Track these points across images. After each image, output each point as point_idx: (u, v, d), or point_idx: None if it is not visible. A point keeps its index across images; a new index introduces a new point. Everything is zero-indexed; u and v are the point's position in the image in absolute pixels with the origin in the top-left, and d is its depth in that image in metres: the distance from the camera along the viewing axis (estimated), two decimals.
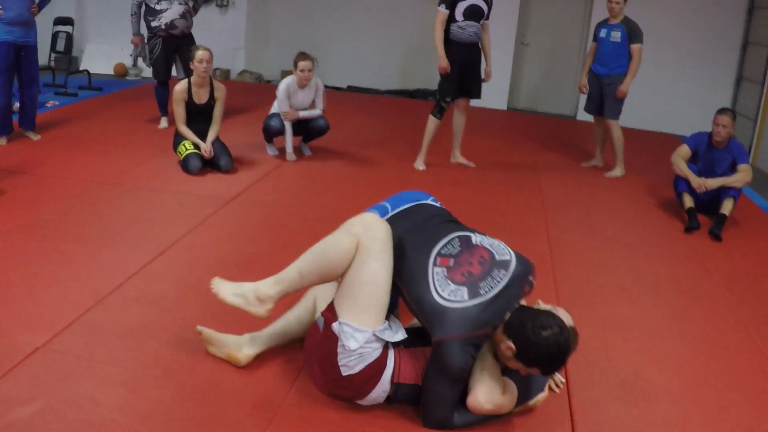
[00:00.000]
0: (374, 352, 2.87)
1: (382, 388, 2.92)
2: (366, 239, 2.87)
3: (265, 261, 4.21)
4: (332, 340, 2.87)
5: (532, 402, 3.01)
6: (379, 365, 2.89)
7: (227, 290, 3.05)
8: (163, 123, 7.71)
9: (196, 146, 6.14)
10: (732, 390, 3.42)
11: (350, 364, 2.86)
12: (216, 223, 4.97)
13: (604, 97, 7.11)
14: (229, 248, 4.47)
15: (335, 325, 2.86)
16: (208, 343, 3.25)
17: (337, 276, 2.94)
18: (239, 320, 3.30)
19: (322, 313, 2.99)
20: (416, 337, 3.06)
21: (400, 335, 2.93)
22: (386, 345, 2.93)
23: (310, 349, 3.06)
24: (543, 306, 2.98)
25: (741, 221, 6.01)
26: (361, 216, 3.01)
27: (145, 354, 3.27)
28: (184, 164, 6.04)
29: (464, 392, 2.86)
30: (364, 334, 2.83)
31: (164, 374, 3.14)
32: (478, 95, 6.82)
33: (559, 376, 3.27)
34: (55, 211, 4.87)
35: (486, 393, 2.83)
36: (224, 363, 3.21)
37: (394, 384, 2.93)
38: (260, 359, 3.23)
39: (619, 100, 7.03)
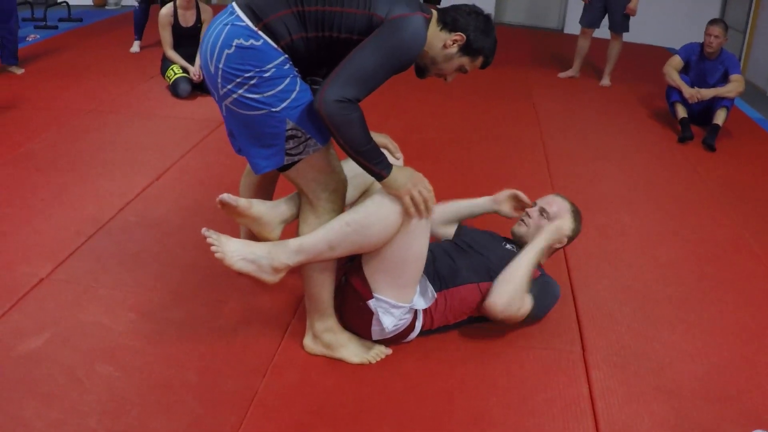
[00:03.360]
0: (406, 321, 2.81)
1: (411, 337, 2.90)
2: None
3: None
4: (366, 313, 2.75)
5: None
6: (408, 329, 2.85)
7: (235, 253, 2.54)
8: (135, 47, 7.53)
9: (185, 70, 6.05)
10: (730, 292, 3.48)
11: (383, 334, 2.81)
12: (209, 145, 4.92)
13: (608, 11, 7.04)
14: (226, 169, 4.43)
15: (372, 303, 2.70)
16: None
17: (375, 249, 2.65)
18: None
19: (352, 280, 2.77)
20: (450, 271, 2.95)
21: (430, 293, 2.83)
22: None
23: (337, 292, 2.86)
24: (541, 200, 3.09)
25: (733, 132, 6.00)
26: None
27: (150, 277, 3.26)
28: (174, 88, 5.95)
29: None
30: (401, 309, 2.74)
31: (171, 296, 3.13)
32: None
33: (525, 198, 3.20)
34: (47, 142, 4.81)
35: (507, 302, 2.81)
36: (228, 282, 3.19)
37: (424, 331, 2.91)
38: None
39: (626, 15, 7.00)
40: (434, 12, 2.62)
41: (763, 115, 6.89)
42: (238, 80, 2.39)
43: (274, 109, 2.41)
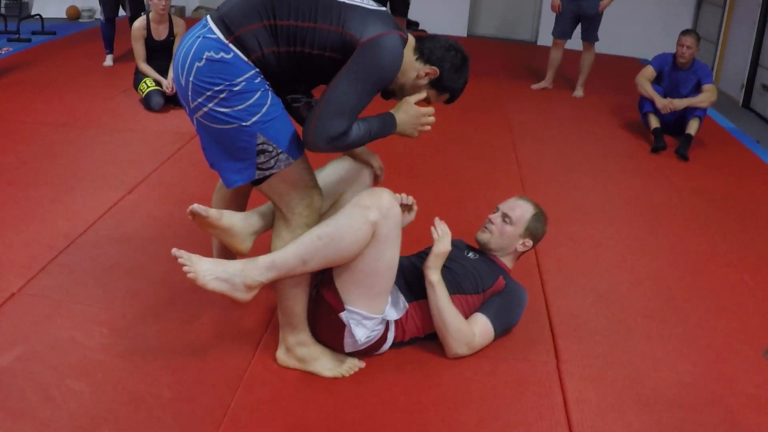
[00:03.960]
0: (378, 332, 2.81)
1: (383, 349, 2.90)
2: (385, 227, 2.56)
3: None
4: (338, 326, 2.74)
5: None
6: (381, 341, 2.85)
7: (207, 273, 2.50)
8: (108, 61, 7.49)
9: (158, 83, 6.02)
10: (706, 301, 3.49)
11: (355, 346, 2.80)
12: (182, 158, 4.90)
13: (581, 20, 7.09)
14: (198, 183, 4.41)
15: (344, 315, 2.69)
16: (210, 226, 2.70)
17: (346, 262, 2.64)
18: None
19: (323, 293, 2.76)
20: (418, 281, 2.93)
21: (402, 304, 2.85)
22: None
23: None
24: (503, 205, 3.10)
25: (706, 141, 6.06)
26: (378, 196, 2.59)
27: (122, 292, 3.23)
28: (146, 102, 5.93)
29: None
30: (373, 321, 2.73)
31: (144, 311, 3.11)
32: None
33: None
34: (19, 156, 4.76)
35: (455, 350, 2.87)
36: (201, 297, 3.17)
37: (396, 343, 2.92)
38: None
39: (597, 22, 7.05)
40: (411, 37, 2.63)
41: (736, 124, 6.96)
42: (208, 93, 2.38)
43: (244, 124, 2.40)
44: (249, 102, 2.39)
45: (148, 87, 5.95)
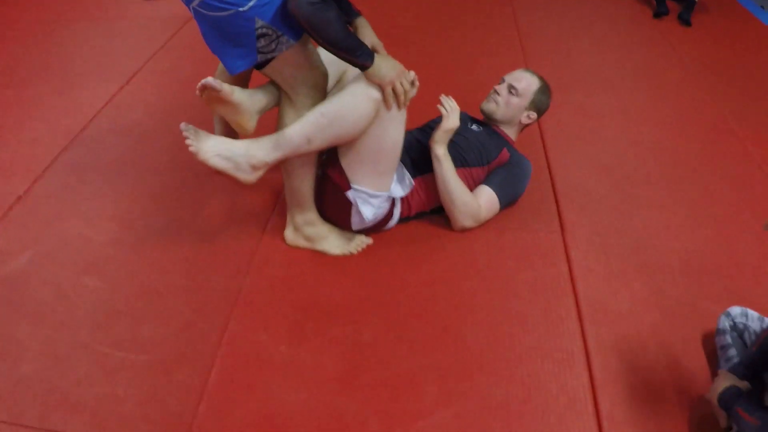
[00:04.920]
0: (385, 209, 2.84)
1: (390, 225, 2.94)
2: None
3: None
4: (345, 205, 2.77)
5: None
6: (387, 217, 2.88)
7: (210, 149, 2.50)
8: None
9: None
10: (711, 173, 3.46)
11: (362, 223, 2.84)
12: (178, 44, 4.82)
13: None
14: (195, 69, 4.35)
15: (350, 193, 2.72)
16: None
17: (351, 140, 2.64)
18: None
19: (329, 173, 2.77)
20: (423, 156, 2.95)
21: (407, 181, 2.86)
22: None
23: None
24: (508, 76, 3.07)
25: (709, 6, 5.90)
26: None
27: (128, 185, 3.25)
28: None
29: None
30: (379, 198, 2.76)
31: (151, 202, 3.14)
32: None
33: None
34: (11, 56, 4.69)
35: (461, 222, 2.90)
36: (207, 183, 3.20)
37: (403, 218, 2.95)
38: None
39: None
40: None
41: None
42: None
43: (241, 9, 2.35)
44: None
45: None
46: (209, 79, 2.48)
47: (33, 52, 4.74)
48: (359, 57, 2.43)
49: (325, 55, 2.69)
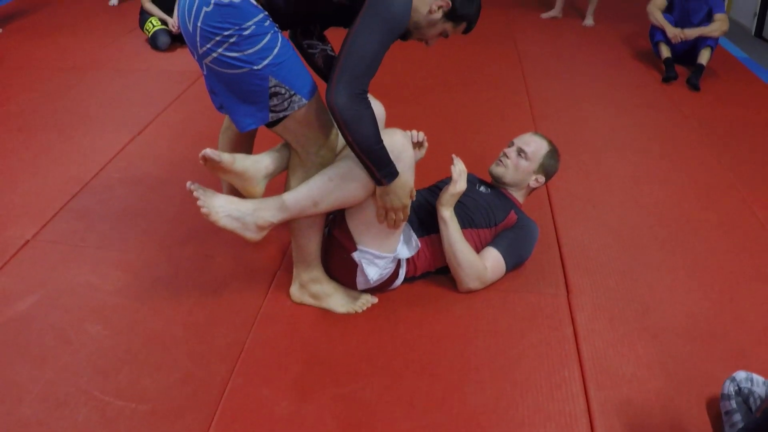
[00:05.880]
0: (390, 270, 2.83)
1: (396, 284, 2.94)
2: (398, 167, 2.51)
3: None
4: (351, 265, 2.77)
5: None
6: (393, 277, 2.88)
7: (220, 209, 2.52)
8: (113, 1, 7.48)
9: (164, 22, 5.98)
10: (715, 234, 3.47)
11: (367, 284, 2.83)
12: (191, 98, 4.89)
13: None
14: (208, 122, 4.41)
15: (356, 255, 2.71)
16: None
17: (359, 202, 2.64)
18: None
19: (335, 233, 2.79)
20: (430, 217, 2.96)
21: (414, 242, 2.85)
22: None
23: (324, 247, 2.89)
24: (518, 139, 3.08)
25: (718, 71, 5.97)
26: (390, 137, 2.51)
27: (136, 234, 3.27)
28: (153, 41, 5.90)
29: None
30: (385, 259, 2.75)
31: (157, 252, 3.15)
32: None
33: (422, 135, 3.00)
34: (28, 101, 4.77)
35: (467, 285, 2.90)
36: (214, 236, 3.21)
37: (408, 278, 2.95)
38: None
39: None
40: None
41: (748, 54, 6.85)
42: (218, 39, 2.36)
43: (255, 67, 2.38)
44: (259, 45, 2.37)
45: (154, 26, 5.92)
46: (208, 151, 2.49)
47: (48, 99, 4.81)
48: (381, 172, 2.45)
49: None
